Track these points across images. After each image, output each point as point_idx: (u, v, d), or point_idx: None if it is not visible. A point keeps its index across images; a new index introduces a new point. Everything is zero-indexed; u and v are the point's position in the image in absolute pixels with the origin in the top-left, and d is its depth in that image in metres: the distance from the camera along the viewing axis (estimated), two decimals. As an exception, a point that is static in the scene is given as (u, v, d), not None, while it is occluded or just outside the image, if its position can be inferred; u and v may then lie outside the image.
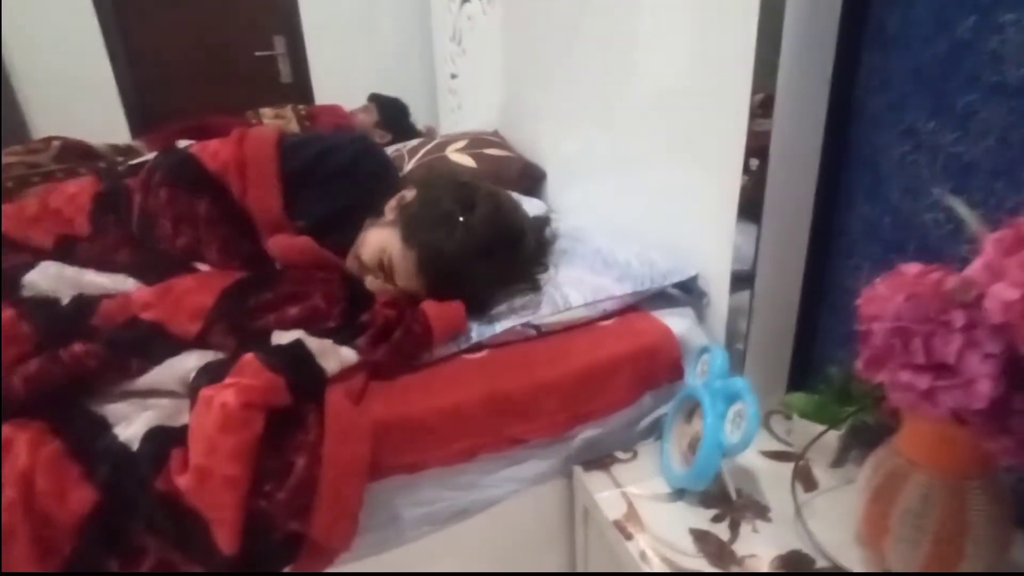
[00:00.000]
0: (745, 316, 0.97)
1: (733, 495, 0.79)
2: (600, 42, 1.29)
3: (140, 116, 2.92)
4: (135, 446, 0.70)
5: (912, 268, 0.61)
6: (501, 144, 1.73)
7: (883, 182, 0.86)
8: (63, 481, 0.66)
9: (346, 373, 0.78)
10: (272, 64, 3.16)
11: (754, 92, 0.86)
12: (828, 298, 0.98)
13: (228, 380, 0.71)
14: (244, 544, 0.67)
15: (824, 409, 0.84)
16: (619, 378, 0.89)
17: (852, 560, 0.70)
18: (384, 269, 0.91)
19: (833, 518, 0.76)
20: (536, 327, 0.90)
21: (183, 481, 0.66)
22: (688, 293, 1.04)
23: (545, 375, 0.86)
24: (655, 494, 0.82)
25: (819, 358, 1.01)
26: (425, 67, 2.90)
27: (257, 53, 3.12)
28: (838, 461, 0.86)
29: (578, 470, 0.88)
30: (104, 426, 0.72)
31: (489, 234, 0.88)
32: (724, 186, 0.94)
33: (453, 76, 2.52)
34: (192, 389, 0.73)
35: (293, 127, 2.35)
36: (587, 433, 0.90)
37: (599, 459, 0.89)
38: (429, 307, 0.86)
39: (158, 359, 0.79)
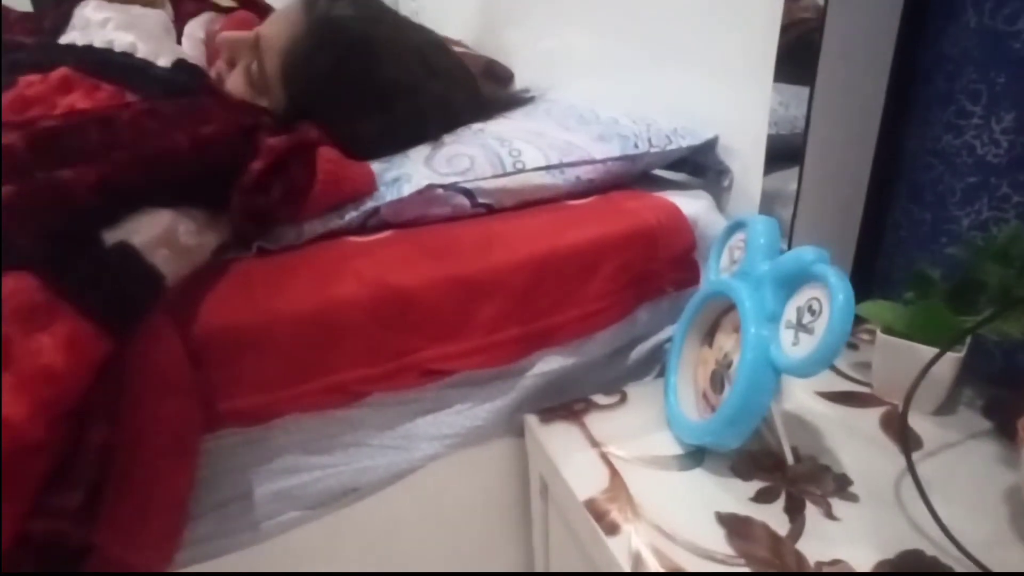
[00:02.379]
0: (788, 201, 0.65)
1: (789, 457, 0.47)
2: None
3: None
4: None
5: None
6: (460, 44, 1.41)
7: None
8: None
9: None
10: None
11: None
12: (909, 174, 0.66)
13: None
14: None
15: (931, 319, 0.51)
16: (598, 277, 0.56)
17: (1013, 565, 0.39)
18: (255, 46, 0.66)
19: (961, 494, 0.44)
20: (469, 194, 0.57)
21: None
22: (701, 176, 0.72)
23: (480, 267, 0.52)
24: (655, 457, 0.50)
25: (893, 262, 0.69)
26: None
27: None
28: (947, 405, 0.54)
29: (532, 421, 0.55)
30: None
31: (414, 28, 0.72)
32: (753, 27, 0.65)
33: (416, -4, 2.19)
34: None
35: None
36: (547, 364, 0.57)
37: (565, 405, 0.57)
38: (324, 151, 0.54)
39: None
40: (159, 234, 0.44)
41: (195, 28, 0.80)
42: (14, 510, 0.36)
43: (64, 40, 0.70)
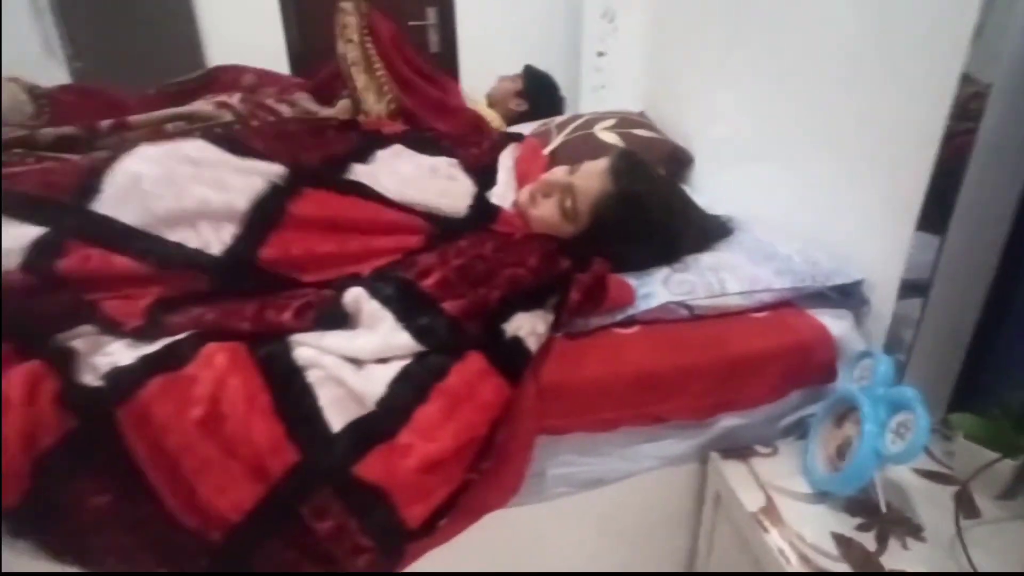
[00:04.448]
0: (911, 325, 0.92)
1: (883, 507, 0.77)
2: (763, 20, 1.25)
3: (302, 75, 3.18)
4: (334, 428, 0.70)
5: None
6: (649, 126, 1.71)
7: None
8: (273, 439, 0.69)
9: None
10: (423, 34, 3.31)
11: (963, 82, 0.79)
12: (1014, 313, 0.90)
13: (453, 379, 0.73)
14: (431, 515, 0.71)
15: (999, 435, 0.78)
16: (768, 372, 0.88)
17: (1017, 595, 0.66)
18: (569, 189, 0.99)
19: (997, 550, 0.72)
20: (689, 307, 0.91)
21: (383, 474, 0.68)
22: (848, 297, 1.00)
23: (695, 358, 0.86)
24: (795, 492, 0.82)
25: (991, 380, 0.93)
26: (571, 44, 2.92)
27: (411, 23, 3.27)
28: (1008, 493, 0.80)
29: (715, 456, 0.89)
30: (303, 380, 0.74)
31: (675, 195, 1.03)
32: (903, 185, 0.89)
33: (600, 54, 2.51)
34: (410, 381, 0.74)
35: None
36: (728, 421, 0.90)
37: (737, 449, 0.89)
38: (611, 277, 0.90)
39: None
40: (530, 329, 0.81)
41: (506, 159, 1.18)
42: (462, 466, 0.74)
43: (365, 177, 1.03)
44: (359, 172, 1.01)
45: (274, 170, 0.92)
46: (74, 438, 0.67)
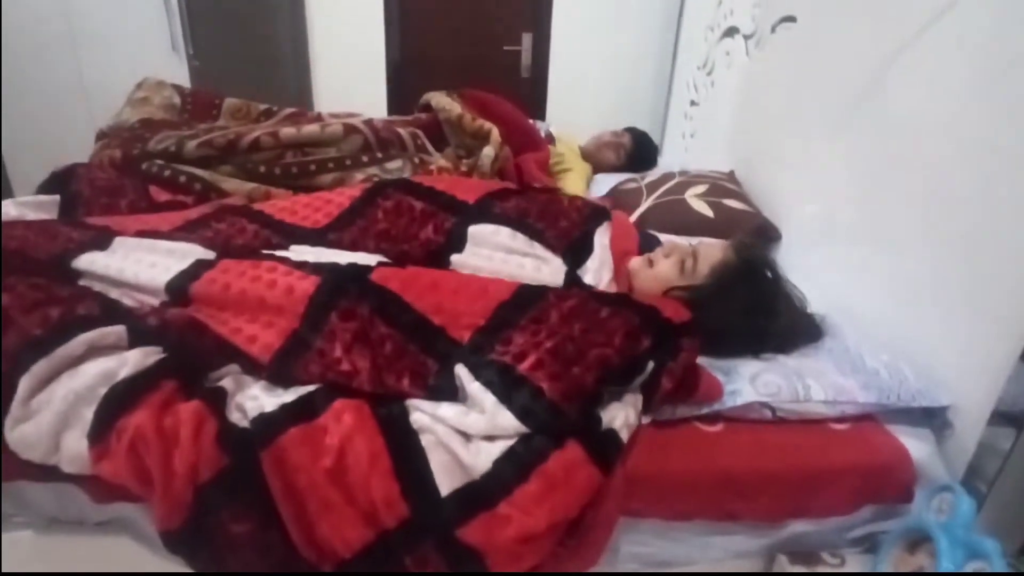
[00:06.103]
0: (997, 457, 0.93)
1: (949, 641, 0.80)
2: (873, 99, 1.26)
3: (397, 90, 3.32)
4: (442, 491, 0.77)
5: None
6: (740, 195, 1.74)
7: None
8: (388, 495, 0.76)
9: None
10: (516, 58, 3.40)
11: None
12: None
13: (552, 464, 0.78)
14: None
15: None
16: (844, 486, 0.92)
17: None
18: (693, 252, 1.11)
19: None
20: (772, 409, 0.96)
21: (483, 539, 0.75)
22: (932, 417, 1.02)
23: (774, 464, 0.91)
24: (860, 609, 0.85)
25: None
26: (660, 88, 2.95)
27: (505, 47, 3.37)
28: (1075, 644, 0.82)
29: (782, 559, 0.93)
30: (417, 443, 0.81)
31: (781, 283, 1.10)
32: (1013, 307, 0.89)
33: (693, 103, 2.54)
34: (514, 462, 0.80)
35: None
36: (799, 526, 0.94)
37: (805, 554, 0.93)
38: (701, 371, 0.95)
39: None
40: (623, 421, 0.87)
41: (602, 236, 1.24)
42: (552, 541, 0.81)
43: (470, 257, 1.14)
44: (455, 263, 1.13)
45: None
46: (226, 474, 0.77)
